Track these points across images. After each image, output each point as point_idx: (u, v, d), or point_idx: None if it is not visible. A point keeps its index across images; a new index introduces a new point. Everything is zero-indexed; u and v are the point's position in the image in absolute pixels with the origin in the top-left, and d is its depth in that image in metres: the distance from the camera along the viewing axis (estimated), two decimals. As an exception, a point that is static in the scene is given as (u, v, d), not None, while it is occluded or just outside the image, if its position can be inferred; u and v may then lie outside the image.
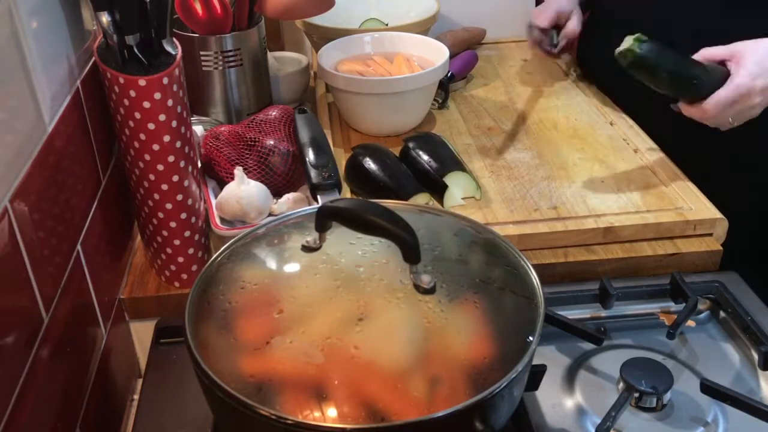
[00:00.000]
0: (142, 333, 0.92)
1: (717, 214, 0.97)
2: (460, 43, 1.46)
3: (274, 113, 1.01)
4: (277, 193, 0.96)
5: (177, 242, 0.87)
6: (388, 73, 1.20)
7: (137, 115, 0.79)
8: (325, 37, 1.29)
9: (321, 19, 1.29)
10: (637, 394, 0.73)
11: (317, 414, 0.55)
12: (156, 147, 0.81)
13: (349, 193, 1.03)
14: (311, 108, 1.22)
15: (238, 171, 0.91)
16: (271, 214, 0.92)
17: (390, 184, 0.99)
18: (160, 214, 0.85)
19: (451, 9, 1.54)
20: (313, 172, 0.82)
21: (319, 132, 0.90)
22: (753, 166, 1.12)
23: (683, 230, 0.96)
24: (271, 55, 1.26)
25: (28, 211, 0.64)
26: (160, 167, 0.82)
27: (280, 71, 1.27)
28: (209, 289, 0.66)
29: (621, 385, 0.74)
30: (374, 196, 0.97)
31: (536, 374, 0.69)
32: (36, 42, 0.70)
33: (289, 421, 0.53)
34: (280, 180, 0.97)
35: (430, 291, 0.62)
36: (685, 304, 0.84)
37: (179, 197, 0.84)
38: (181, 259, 0.88)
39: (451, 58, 1.29)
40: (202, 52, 1.09)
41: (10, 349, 0.59)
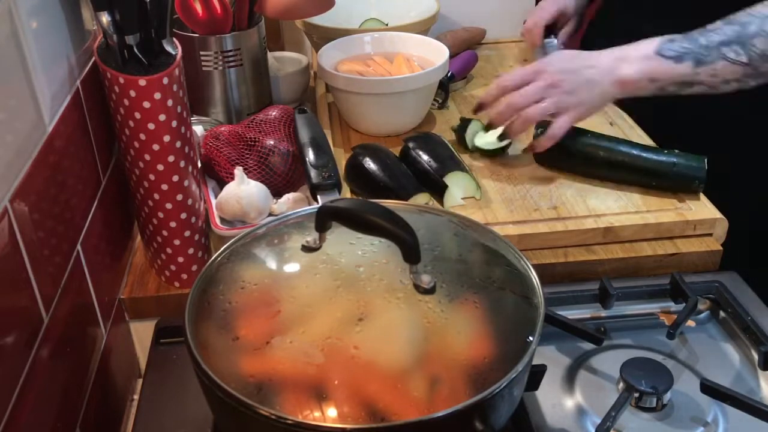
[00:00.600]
0: (142, 333, 0.92)
1: (717, 214, 0.97)
2: (460, 43, 1.45)
3: (274, 113, 1.01)
4: (277, 193, 0.96)
5: (177, 242, 0.87)
6: (388, 73, 1.20)
7: (137, 115, 0.79)
8: (325, 37, 1.29)
9: (321, 19, 1.29)
10: (637, 394, 0.73)
11: (317, 414, 0.55)
12: (156, 147, 0.81)
13: (349, 193, 1.03)
14: (311, 108, 1.22)
15: (238, 171, 0.91)
16: (271, 214, 0.92)
17: (390, 184, 0.99)
18: (160, 214, 0.85)
19: (451, 9, 1.54)
20: (313, 172, 0.82)
21: (319, 132, 0.90)
22: (753, 166, 1.12)
23: (683, 230, 0.96)
24: (271, 55, 1.26)
25: (28, 211, 0.64)
26: (160, 167, 0.82)
27: (280, 71, 1.27)
28: (209, 289, 0.66)
29: (621, 385, 0.74)
30: (374, 196, 0.97)
31: (536, 374, 0.69)
32: (36, 42, 0.70)
33: (289, 421, 0.53)
34: (280, 180, 0.97)
35: (430, 291, 0.62)
36: (685, 304, 0.84)
37: (179, 197, 0.84)
38: (181, 259, 0.88)
39: (451, 58, 1.29)
40: (202, 52, 1.09)
41: (10, 349, 0.59)
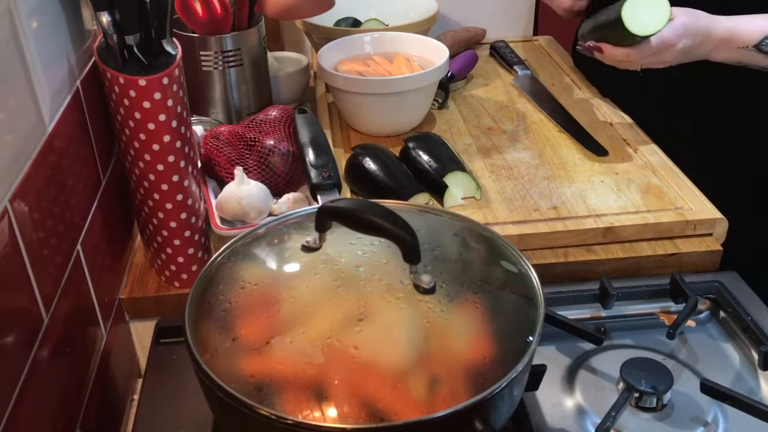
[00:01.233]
0: (142, 333, 0.92)
1: (717, 214, 0.97)
2: (460, 43, 1.46)
3: (274, 113, 1.01)
4: (277, 193, 0.96)
5: (177, 242, 0.87)
6: (388, 73, 1.20)
7: (137, 115, 0.79)
8: (325, 37, 1.29)
9: (321, 19, 1.29)
10: (637, 394, 0.73)
11: (317, 414, 0.55)
12: (156, 147, 0.81)
13: (349, 193, 1.03)
14: (311, 108, 1.22)
15: (238, 171, 0.91)
16: (271, 214, 0.92)
17: (390, 184, 0.99)
18: (160, 214, 0.85)
19: (451, 9, 1.54)
20: (313, 172, 0.82)
21: (319, 132, 0.90)
22: (753, 166, 1.13)
23: (683, 230, 0.96)
24: (271, 55, 1.26)
25: (28, 211, 0.64)
26: (160, 167, 0.82)
27: (280, 71, 1.27)
28: (209, 289, 0.66)
29: (621, 385, 0.74)
30: (374, 196, 0.97)
31: (536, 374, 0.69)
32: (36, 42, 0.70)
33: (289, 421, 0.53)
34: (280, 180, 0.97)
35: (430, 291, 0.62)
36: (685, 304, 0.84)
37: (179, 197, 0.84)
38: (181, 259, 0.88)
39: (451, 58, 1.29)
40: (202, 52, 1.09)
41: (10, 349, 0.59)
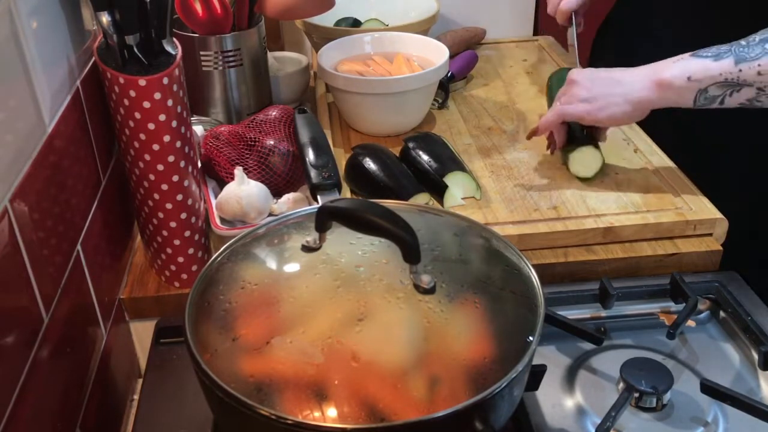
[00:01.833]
0: (142, 333, 0.92)
1: (717, 214, 0.97)
2: (460, 43, 1.46)
3: (274, 113, 1.01)
4: (277, 193, 0.96)
5: (177, 242, 0.87)
6: (388, 73, 1.20)
7: (137, 115, 0.79)
8: (325, 37, 1.29)
9: (321, 19, 1.29)
10: (637, 394, 0.73)
11: (317, 414, 0.55)
12: (156, 147, 0.81)
13: (349, 193, 1.03)
14: (311, 108, 1.22)
15: (238, 171, 0.91)
16: (271, 214, 0.92)
17: (390, 184, 0.99)
18: (160, 214, 0.85)
19: (451, 9, 1.54)
20: (313, 172, 0.82)
21: (319, 132, 0.90)
22: (753, 166, 1.12)
23: (683, 230, 0.96)
24: (271, 55, 1.26)
25: (28, 211, 0.64)
26: (160, 167, 0.82)
27: (280, 71, 1.27)
28: (209, 289, 0.66)
29: (621, 385, 0.74)
30: (374, 196, 0.97)
31: (536, 374, 0.69)
32: (36, 42, 0.70)
33: (289, 421, 0.53)
34: (280, 180, 0.97)
35: (430, 291, 0.62)
36: (685, 304, 0.84)
37: (179, 197, 0.84)
38: (181, 259, 0.88)
39: (451, 58, 1.29)
40: (202, 52, 1.09)
41: (10, 349, 0.59)
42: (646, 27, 1.23)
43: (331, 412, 0.55)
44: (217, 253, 0.69)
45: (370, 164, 1.01)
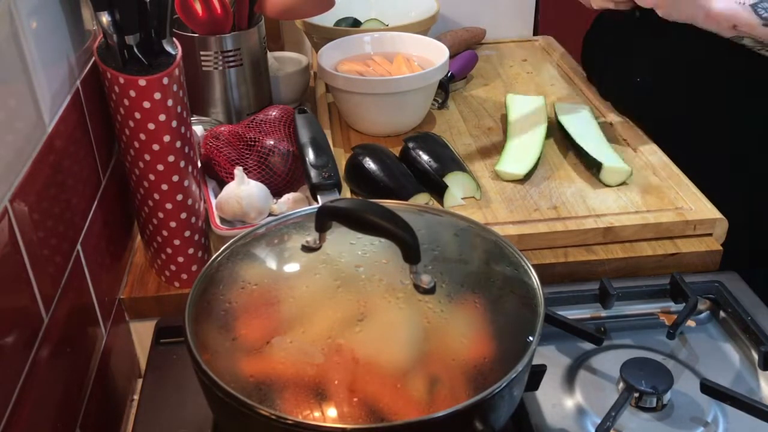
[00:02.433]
0: (142, 333, 0.92)
1: (717, 214, 0.97)
2: (460, 43, 1.46)
3: (274, 113, 1.01)
4: (277, 193, 0.96)
5: (177, 242, 0.87)
6: (388, 73, 1.20)
7: (137, 115, 0.79)
8: (325, 37, 1.29)
9: (321, 19, 1.29)
10: (637, 394, 0.73)
11: (317, 414, 0.55)
12: (156, 147, 0.81)
13: (349, 193, 1.03)
14: (311, 108, 1.22)
15: (238, 171, 0.91)
16: (271, 214, 0.92)
17: (390, 184, 0.99)
18: (160, 214, 0.85)
19: (451, 9, 1.54)
20: (313, 172, 0.82)
21: (319, 132, 0.90)
22: (753, 166, 1.12)
23: (683, 230, 0.96)
24: (271, 55, 1.26)
25: (28, 211, 0.64)
26: (160, 167, 0.82)
27: (280, 71, 1.27)
28: (209, 289, 0.66)
29: (621, 385, 0.74)
30: (374, 196, 0.97)
31: (536, 374, 0.69)
32: (36, 42, 0.70)
33: (289, 421, 0.53)
34: (280, 180, 0.97)
35: (430, 291, 0.62)
36: (685, 304, 0.84)
37: (179, 197, 0.84)
38: (181, 259, 0.88)
39: (451, 58, 1.29)
40: (202, 52, 1.09)
41: (10, 349, 0.59)
42: (642, 15, 1.22)
43: (331, 412, 0.55)
44: (217, 253, 0.69)
45: (370, 164, 1.01)
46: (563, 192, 1.03)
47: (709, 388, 0.72)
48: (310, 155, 0.85)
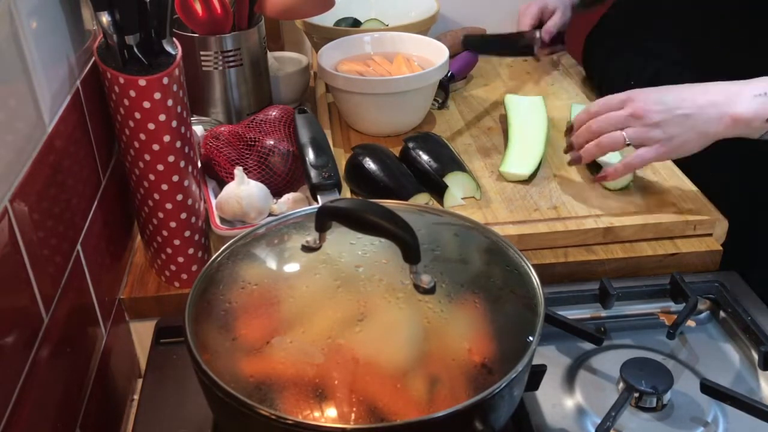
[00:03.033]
0: (142, 333, 0.92)
1: (717, 214, 0.97)
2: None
3: (274, 113, 1.01)
4: (277, 193, 0.96)
5: (177, 242, 0.87)
6: (388, 73, 1.20)
7: (137, 115, 0.79)
8: (325, 37, 1.29)
9: (321, 19, 1.29)
10: (637, 394, 0.73)
11: (317, 414, 0.55)
12: (156, 147, 0.81)
13: (349, 193, 1.03)
14: (311, 108, 1.22)
15: (238, 171, 0.91)
16: (271, 214, 0.92)
17: (390, 184, 0.99)
18: (160, 214, 0.85)
19: (451, 9, 1.54)
20: (313, 172, 0.82)
21: (319, 132, 0.90)
22: (752, 166, 1.12)
23: (683, 230, 0.96)
24: (271, 55, 1.26)
25: (28, 211, 0.64)
26: (160, 167, 0.82)
27: (280, 71, 1.27)
28: (209, 289, 0.66)
29: (621, 385, 0.74)
30: (374, 196, 0.97)
31: (536, 374, 0.69)
32: (36, 42, 0.70)
33: (289, 421, 0.53)
34: (280, 180, 0.97)
35: (430, 291, 0.62)
36: (685, 304, 0.84)
37: (179, 197, 0.84)
38: (181, 259, 0.88)
39: (451, 58, 1.29)
40: (202, 52, 1.09)
41: (10, 349, 0.59)
42: (646, 19, 1.22)
43: (331, 412, 0.55)
44: (217, 253, 0.69)
45: (370, 164, 1.01)
46: (563, 192, 1.03)
47: (709, 388, 0.72)
48: (310, 155, 0.85)
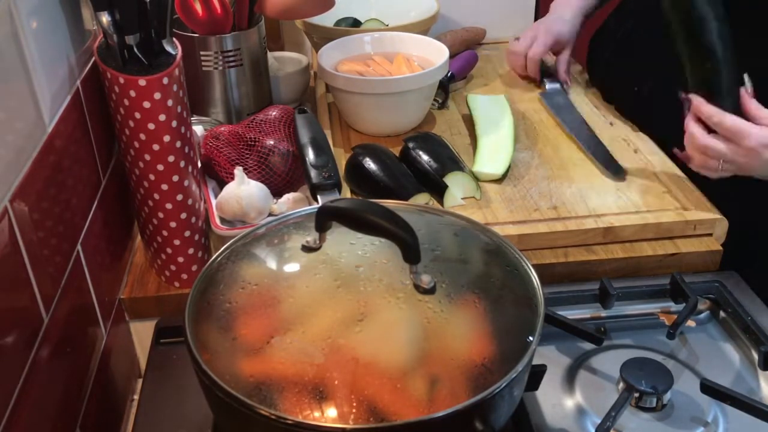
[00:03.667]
0: (142, 333, 0.92)
1: (717, 214, 0.97)
2: (460, 43, 1.46)
3: (274, 113, 1.01)
4: (277, 193, 0.96)
5: (177, 242, 0.87)
6: (388, 73, 1.20)
7: (137, 115, 0.79)
8: (325, 37, 1.29)
9: (321, 19, 1.29)
10: (637, 394, 0.73)
11: (317, 414, 0.55)
12: (156, 147, 0.81)
13: (349, 193, 1.03)
14: (311, 108, 1.22)
15: (238, 171, 0.91)
16: (271, 214, 0.92)
17: (390, 184, 0.99)
18: (160, 214, 0.85)
19: (451, 9, 1.54)
20: (313, 172, 0.82)
21: (319, 132, 0.90)
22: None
23: (683, 230, 0.96)
24: (271, 55, 1.26)
25: (28, 211, 0.64)
26: (160, 167, 0.82)
27: (280, 71, 1.27)
28: (209, 289, 0.66)
29: (621, 385, 0.74)
30: (374, 196, 0.97)
31: (536, 374, 0.69)
32: (36, 42, 0.70)
33: (289, 421, 0.53)
34: (280, 180, 0.97)
35: (430, 291, 0.62)
36: (685, 304, 0.84)
37: (179, 197, 0.84)
38: (181, 259, 0.88)
39: (451, 58, 1.29)
40: (202, 52, 1.09)
41: (10, 349, 0.59)
42: (650, 22, 1.22)
43: (331, 412, 0.55)
44: (217, 253, 0.69)
45: (370, 164, 1.01)
46: (563, 192, 1.03)
47: (709, 388, 0.72)
48: (310, 155, 0.85)
